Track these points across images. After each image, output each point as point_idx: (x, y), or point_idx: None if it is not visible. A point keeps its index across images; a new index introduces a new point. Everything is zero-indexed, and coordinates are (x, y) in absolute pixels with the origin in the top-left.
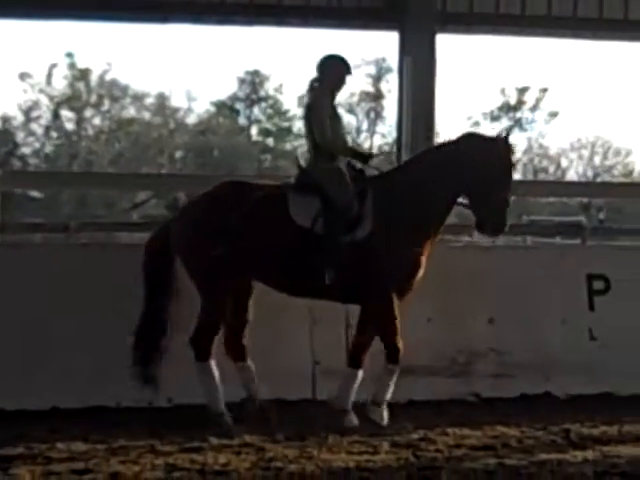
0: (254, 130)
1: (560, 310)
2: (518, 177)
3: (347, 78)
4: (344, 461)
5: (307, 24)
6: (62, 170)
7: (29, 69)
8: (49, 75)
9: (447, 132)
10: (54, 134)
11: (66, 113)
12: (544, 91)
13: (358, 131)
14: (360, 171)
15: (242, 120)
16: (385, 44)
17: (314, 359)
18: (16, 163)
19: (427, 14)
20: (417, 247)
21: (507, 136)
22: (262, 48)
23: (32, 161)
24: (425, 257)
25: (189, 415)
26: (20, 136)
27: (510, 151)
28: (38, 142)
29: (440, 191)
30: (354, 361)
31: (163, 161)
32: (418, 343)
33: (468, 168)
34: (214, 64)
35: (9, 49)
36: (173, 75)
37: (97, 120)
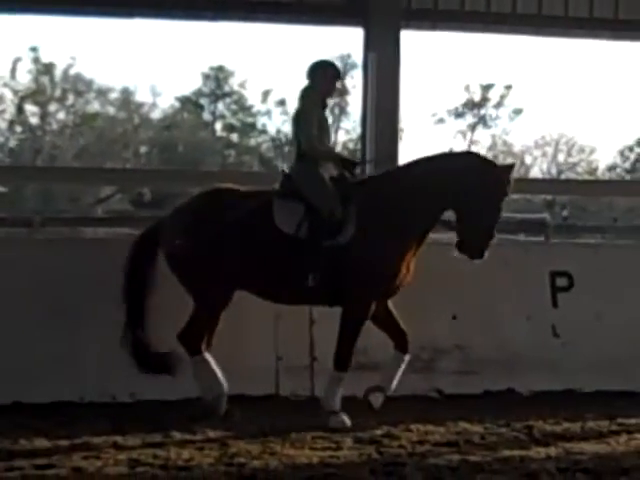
0: (218, 125)
1: (523, 307)
2: None
3: (337, 83)
4: (307, 457)
5: (272, 19)
6: (26, 164)
7: None
8: (13, 69)
9: (412, 128)
10: (18, 128)
11: (30, 107)
12: (508, 88)
13: None
14: (344, 177)
15: (206, 115)
16: (350, 40)
17: (277, 355)
18: None
19: (392, 10)
20: (400, 252)
21: (511, 166)
22: (226, 44)
23: None
24: (410, 262)
25: (152, 410)
26: None
27: (508, 181)
28: (2, 136)
29: (427, 202)
30: (340, 364)
31: (128, 156)
32: (382, 339)
33: (461, 186)
34: (179, 59)
35: None
36: (138, 70)
37: (61, 115)
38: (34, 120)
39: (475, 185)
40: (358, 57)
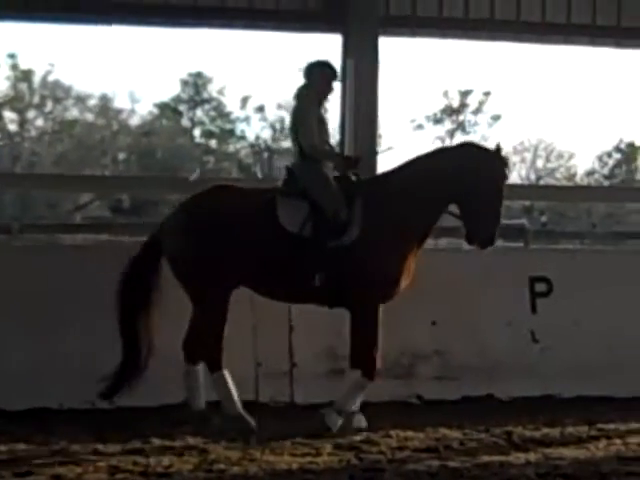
0: (197, 132)
1: (503, 312)
2: None
3: (334, 84)
4: (287, 463)
5: (251, 27)
6: (5, 171)
7: None
8: None
9: (391, 135)
10: None
11: (9, 114)
12: (487, 94)
13: None
14: (347, 176)
15: (185, 122)
16: (328, 47)
17: (256, 361)
18: None
19: (370, 17)
20: (404, 253)
21: (501, 149)
22: (205, 50)
23: None
24: (412, 263)
25: (132, 417)
26: None
27: (504, 164)
28: None
29: (430, 198)
30: (356, 363)
31: (106, 163)
32: None
33: (461, 177)
34: (157, 66)
35: None
36: (116, 76)
37: (40, 121)
38: (12, 127)
39: (476, 175)
40: (337, 64)
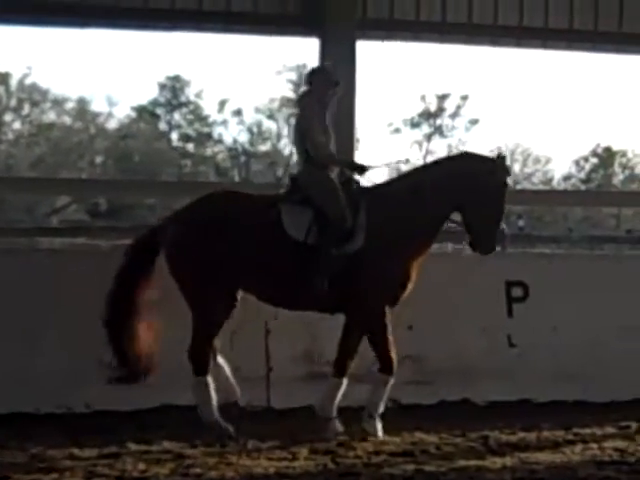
0: (174, 135)
1: (479, 317)
2: None
3: (336, 89)
4: (264, 467)
5: (227, 30)
6: None
7: None
8: None
9: (368, 139)
10: None
11: None
12: (464, 98)
13: (279, 137)
14: (353, 182)
15: (163, 125)
16: (305, 50)
17: (234, 365)
18: None
19: (347, 20)
20: (408, 260)
21: (504, 157)
22: (183, 53)
23: None
24: (415, 270)
25: (108, 421)
26: None
27: (506, 172)
28: None
29: (434, 206)
30: (339, 369)
31: (83, 166)
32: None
33: (464, 186)
34: (135, 69)
35: None
36: (94, 80)
37: (17, 124)
38: None
39: (479, 184)
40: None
